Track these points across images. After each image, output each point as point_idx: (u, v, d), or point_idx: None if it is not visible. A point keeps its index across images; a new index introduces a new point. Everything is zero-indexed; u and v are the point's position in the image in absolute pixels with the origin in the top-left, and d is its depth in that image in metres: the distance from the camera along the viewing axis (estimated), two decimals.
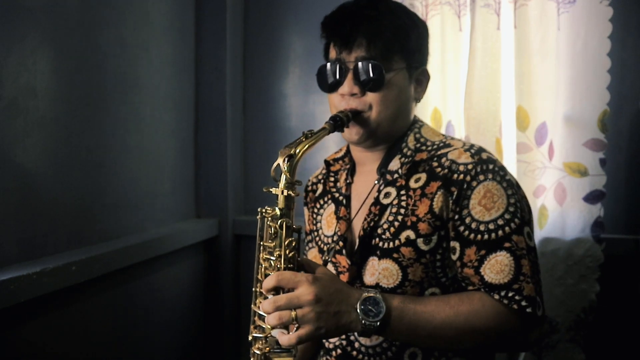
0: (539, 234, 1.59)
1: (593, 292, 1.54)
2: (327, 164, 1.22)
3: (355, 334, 1.07)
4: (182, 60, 1.87)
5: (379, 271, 1.03)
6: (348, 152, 1.20)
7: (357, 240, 1.07)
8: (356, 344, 1.07)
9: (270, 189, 0.92)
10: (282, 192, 0.91)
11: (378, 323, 0.88)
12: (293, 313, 0.84)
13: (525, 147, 1.58)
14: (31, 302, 1.17)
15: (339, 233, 1.12)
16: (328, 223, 1.17)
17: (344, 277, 1.08)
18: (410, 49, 1.06)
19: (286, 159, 0.90)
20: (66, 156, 1.34)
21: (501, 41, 1.59)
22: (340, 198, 1.16)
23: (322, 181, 1.24)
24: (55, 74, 1.30)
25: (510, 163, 1.60)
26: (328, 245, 1.14)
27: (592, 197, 1.53)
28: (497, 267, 0.95)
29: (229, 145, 1.96)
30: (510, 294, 0.93)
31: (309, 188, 1.28)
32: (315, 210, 1.23)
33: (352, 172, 1.18)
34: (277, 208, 0.91)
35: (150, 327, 1.67)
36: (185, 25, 1.88)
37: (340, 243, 1.10)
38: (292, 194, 0.91)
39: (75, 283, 1.29)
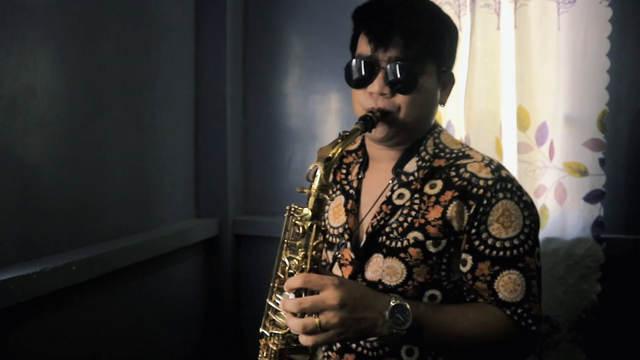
0: (539, 234, 1.58)
1: (594, 292, 1.54)
2: (341, 155, 1.22)
3: None
4: (182, 60, 1.87)
5: (383, 269, 1.04)
6: (362, 145, 1.18)
7: (364, 236, 1.07)
8: None
9: (304, 190, 0.91)
10: (318, 195, 0.90)
11: (404, 331, 0.88)
12: (316, 320, 0.84)
13: (526, 147, 1.58)
14: (31, 302, 1.17)
15: (346, 226, 1.12)
16: (335, 214, 1.16)
17: (346, 270, 1.08)
18: (443, 54, 1.05)
19: (324, 162, 0.89)
20: (66, 156, 1.34)
21: (501, 41, 1.59)
22: (351, 191, 1.15)
23: (332, 171, 1.24)
24: (55, 74, 1.30)
25: (510, 163, 1.59)
26: (333, 237, 1.14)
27: (592, 197, 1.53)
28: (511, 286, 0.99)
29: (229, 145, 1.96)
30: (519, 311, 0.98)
31: None
32: None
33: (364, 166, 1.17)
34: (307, 209, 0.90)
35: (151, 327, 1.67)
36: (185, 25, 1.88)
37: (346, 236, 1.10)
38: (327, 198, 0.90)
39: (75, 283, 1.29)
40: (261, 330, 0.97)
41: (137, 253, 1.53)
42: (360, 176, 1.16)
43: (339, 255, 1.12)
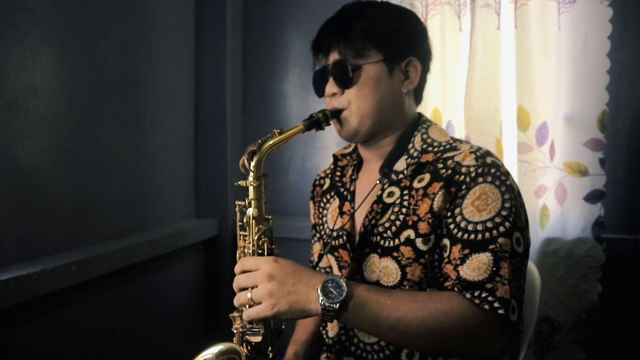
0: (540, 234, 1.59)
1: (594, 292, 1.54)
2: (335, 158, 1.25)
3: (355, 330, 1.09)
4: (182, 60, 1.87)
5: (380, 269, 1.04)
6: (356, 148, 1.21)
7: (357, 236, 1.08)
8: (355, 340, 1.08)
9: (239, 183, 1.02)
10: (250, 184, 1.00)
11: (337, 305, 0.87)
12: (249, 294, 0.91)
13: (526, 147, 1.58)
14: (31, 302, 1.17)
15: (343, 227, 1.13)
16: (332, 217, 1.19)
17: (345, 272, 1.09)
18: (381, 41, 1.06)
19: (249, 156, 1.00)
20: (66, 156, 1.34)
21: (501, 41, 1.58)
22: (345, 193, 1.17)
23: (329, 176, 1.26)
24: (55, 74, 1.30)
25: (510, 163, 1.60)
26: (332, 239, 1.15)
27: (592, 197, 1.53)
28: (475, 264, 0.93)
29: (229, 145, 1.96)
30: (483, 294, 0.90)
31: (317, 182, 1.31)
32: (322, 205, 1.25)
33: (358, 168, 1.20)
34: (247, 200, 1.00)
35: (150, 327, 1.67)
36: (185, 25, 1.88)
37: (344, 237, 1.11)
38: (256, 183, 1.00)
39: (75, 283, 1.29)
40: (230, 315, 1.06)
41: (137, 253, 1.53)
42: (353, 177, 1.18)
43: (338, 256, 1.13)
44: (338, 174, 1.22)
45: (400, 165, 1.08)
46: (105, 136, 1.48)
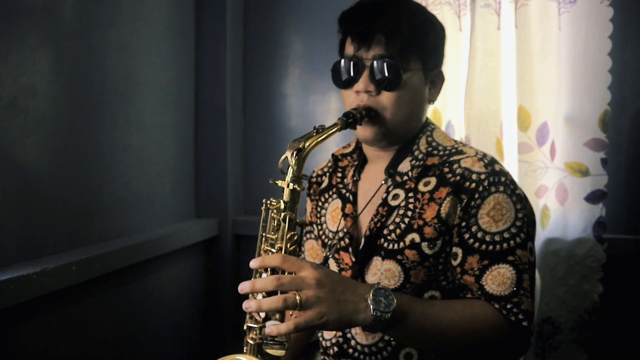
0: (541, 234, 1.58)
1: (596, 292, 1.53)
2: (335, 158, 1.21)
3: (352, 332, 1.07)
4: (182, 60, 1.86)
5: (381, 271, 1.03)
6: (357, 148, 1.18)
7: (363, 239, 1.07)
8: (352, 342, 1.07)
9: (277, 181, 0.91)
10: (288, 186, 0.90)
11: (389, 315, 0.84)
12: (297, 297, 0.80)
13: (526, 147, 1.58)
14: (31, 302, 1.17)
15: (344, 230, 1.11)
16: (333, 218, 1.17)
17: (346, 275, 1.08)
18: (427, 50, 1.05)
19: (295, 153, 0.89)
20: (66, 156, 1.34)
21: (501, 41, 1.58)
22: (347, 195, 1.15)
23: (327, 174, 1.23)
24: (55, 74, 1.30)
25: (511, 163, 1.59)
26: (332, 241, 1.14)
27: (593, 197, 1.53)
28: (499, 279, 0.96)
29: (229, 145, 1.96)
30: (509, 306, 0.95)
31: (314, 180, 1.27)
32: (320, 204, 1.22)
33: (360, 169, 1.17)
34: (281, 201, 0.91)
35: (150, 327, 1.67)
36: (185, 25, 1.88)
37: (346, 240, 1.10)
38: (298, 188, 0.90)
39: (75, 283, 1.29)
40: (244, 326, 0.96)
41: (137, 253, 1.53)
42: (355, 178, 1.16)
43: (338, 258, 1.11)
44: (339, 174, 1.19)
45: (405, 167, 1.07)
46: (105, 136, 1.48)
